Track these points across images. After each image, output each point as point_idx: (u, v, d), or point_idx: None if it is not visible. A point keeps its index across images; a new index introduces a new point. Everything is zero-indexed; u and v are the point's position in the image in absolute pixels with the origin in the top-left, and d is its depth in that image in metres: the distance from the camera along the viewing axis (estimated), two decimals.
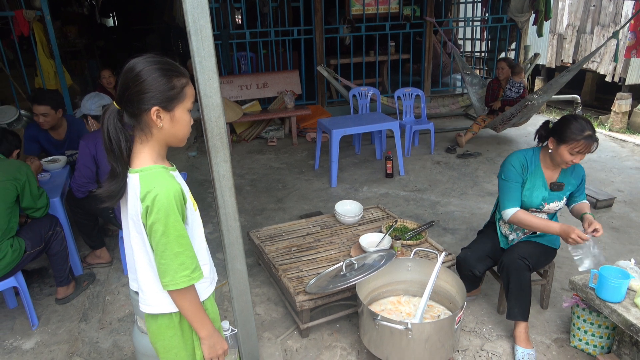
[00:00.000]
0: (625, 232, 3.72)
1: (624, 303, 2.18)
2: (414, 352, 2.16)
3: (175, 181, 1.34)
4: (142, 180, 1.30)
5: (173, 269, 1.32)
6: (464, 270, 2.66)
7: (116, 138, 1.30)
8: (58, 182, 3.37)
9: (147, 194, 1.28)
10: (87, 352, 2.61)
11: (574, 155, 2.33)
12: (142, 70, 1.28)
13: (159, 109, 1.30)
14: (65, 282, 2.99)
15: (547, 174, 2.52)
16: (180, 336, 1.48)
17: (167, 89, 1.30)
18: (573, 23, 9.63)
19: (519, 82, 5.63)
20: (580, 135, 2.27)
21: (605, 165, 5.16)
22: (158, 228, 1.29)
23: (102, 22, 13.48)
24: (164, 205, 1.28)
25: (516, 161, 2.53)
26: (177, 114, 1.34)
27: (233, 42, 6.55)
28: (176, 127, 1.36)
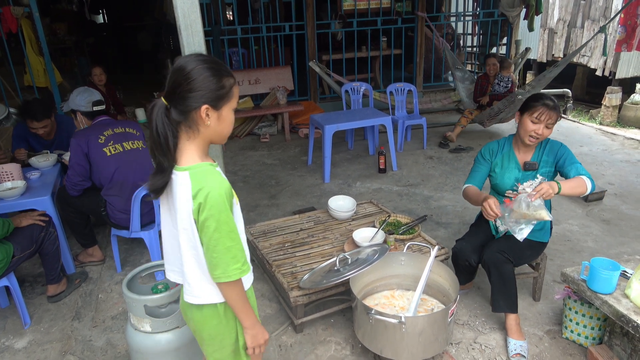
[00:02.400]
0: (616, 225, 3.75)
1: (614, 294, 2.20)
2: (407, 345, 2.17)
3: (223, 178, 1.38)
4: (193, 178, 1.34)
5: (225, 262, 1.37)
6: (460, 260, 2.66)
7: (164, 133, 1.32)
8: (48, 180, 3.34)
9: (199, 191, 1.31)
10: (81, 351, 2.60)
11: (535, 123, 2.42)
12: (194, 69, 1.31)
13: (208, 108, 1.33)
14: (56, 279, 2.97)
15: (520, 156, 2.60)
16: (225, 324, 1.52)
17: (217, 88, 1.33)
18: (564, 17, 9.68)
19: (507, 76, 5.65)
20: (539, 102, 2.41)
21: (596, 158, 5.21)
22: (211, 224, 1.33)
23: (91, 19, 13.35)
24: (216, 202, 1.31)
25: (486, 149, 2.69)
26: (224, 112, 1.38)
27: (224, 39, 6.51)
28: (222, 125, 1.39)
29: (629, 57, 8.23)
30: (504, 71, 5.68)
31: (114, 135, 3.05)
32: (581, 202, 4.14)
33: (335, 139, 5.82)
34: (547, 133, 2.45)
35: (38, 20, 5.44)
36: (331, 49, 6.99)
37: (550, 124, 2.42)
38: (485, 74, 5.85)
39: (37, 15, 5.43)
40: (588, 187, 2.36)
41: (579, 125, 6.56)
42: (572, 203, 4.14)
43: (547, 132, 2.45)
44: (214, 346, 1.55)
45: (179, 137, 1.37)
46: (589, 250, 3.39)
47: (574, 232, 3.66)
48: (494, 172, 2.66)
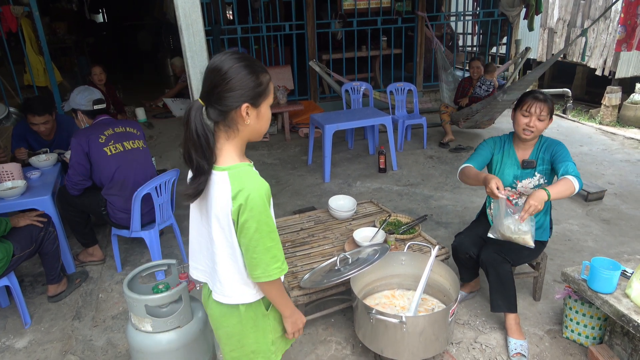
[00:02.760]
0: (616, 224, 3.75)
1: (615, 294, 2.20)
2: (408, 345, 2.18)
3: (262, 179, 1.37)
4: (232, 179, 1.32)
5: (265, 262, 1.37)
6: (460, 254, 2.66)
7: (203, 134, 1.30)
8: (49, 180, 3.34)
9: (239, 192, 1.30)
10: (81, 350, 2.60)
11: (526, 116, 2.47)
12: (231, 68, 1.29)
13: (248, 106, 1.32)
14: (57, 279, 2.96)
15: (520, 153, 2.61)
16: (245, 325, 1.52)
17: (256, 85, 1.31)
18: (563, 17, 9.68)
19: (490, 80, 5.65)
20: (528, 96, 2.49)
21: (596, 158, 5.21)
22: (251, 225, 1.32)
23: (91, 19, 13.35)
24: (256, 204, 1.31)
25: (490, 139, 2.72)
26: (262, 109, 1.37)
27: (224, 38, 6.51)
28: (260, 123, 1.39)
29: (629, 56, 8.24)
30: (488, 75, 5.68)
31: (115, 135, 3.05)
32: (581, 202, 4.14)
33: (335, 138, 5.82)
34: (540, 126, 2.46)
35: (38, 20, 5.44)
36: (331, 49, 6.99)
37: (542, 116, 2.44)
38: (470, 77, 5.87)
39: (37, 15, 5.42)
40: (575, 186, 2.31)
41: (579, 125, 6.56)
42: (572, 203, 4.14)
43: (540, 124, 2.46)
44: (231, 345, 1.56)
45: (216, 137, 1.36)
46: (589, 250, 3.39)
47: (574, 231, 3.66)
48: (493, 166, 2.67)
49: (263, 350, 1.57)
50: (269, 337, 1.56)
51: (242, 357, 1.56)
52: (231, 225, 1.36)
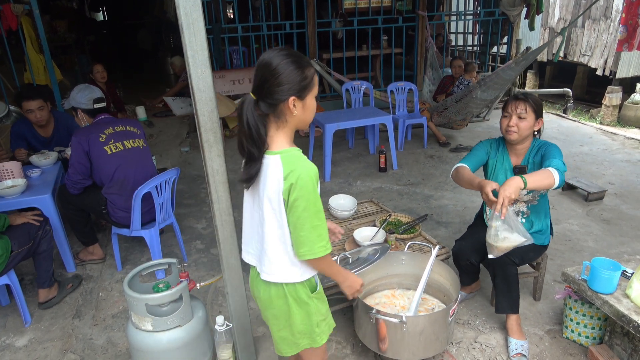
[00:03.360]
0: (616, 224, 3.75)
1: (615, 294, 2.20)
2: (408, 344, 2.18)
3: (311, 162, 1.46)
4: (284, 161, 1.44)
5: (311, 240, 1.46)
6: (461, 260, 2.65)
7: (255, 125, 1.42)
8: (49, 179, 3.34)
9: (291, 172, 1.41)
10: (81, 349, 2.60)
11: (506, 117, 2.45)
12: (279, 64, 1.39)
13: (295, 99, 1.43)
14: (48, 284, 2.89)
15: (513, 159, 2.58)
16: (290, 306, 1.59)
17: (302, 79, 1.42)
18: (564, 17, 9.67)
19: (469, 80, 5.65)
20: (509, 98, 2.47)
21: (597, 158, 5.20)
22: (300, 204, 1.42)
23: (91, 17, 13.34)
24: (306, 184, 1.41)
25: (487, 141, 2.68)
26: (308, 101, 1.48)
27: (225, 37, 6.51)
28: (306, 113, 1.49)
29: (629, 56, 8.23)
30: (467, 74, 5.68)
31: (115, 134, 3.05)
32: (581, 202, 4.14)
33: (335, 137, 5.82)
34: (523, 125, 2.39)
35: (38, 18, 5.42)
36: (332, 48, 6.98)
37: (522, 114, 2.39)
38: (452, 75, 5.87)
39: (37, 13, 5.41)
40: (555, 179, 2.21)
41: (579, 125, 6.55)
42: (572, 203, 4.14)
43: (522, 123, 2.39)
44: (278, 325, 1.65)
45: (268, 128, 1.47)
46: (590, 250, 3.39)
47: (574, 231, 3.66)
48: (487, 170, 2.65)
49: (308, 332, 1.64)
50: (313, 319, 1.63)
51: (290, 337, 1.65)
52: (282, 205, 1.46)
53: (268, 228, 1.52)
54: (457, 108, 5.42)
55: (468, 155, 2.65)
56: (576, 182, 4.31)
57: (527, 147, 2.53)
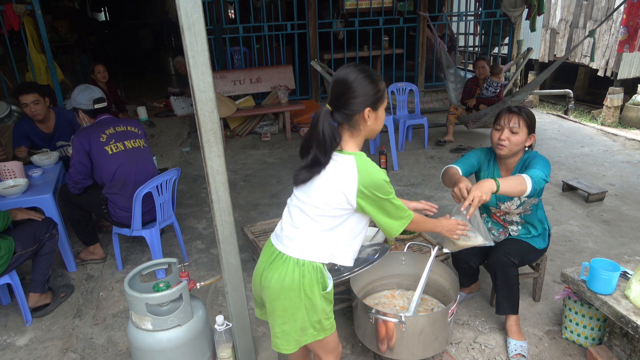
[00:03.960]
0: (616, 225, 3.75)
1: (614, 295, 2.20)
2: (407, 344, 2.18)
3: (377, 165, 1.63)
4: (358, 162, 1.58)
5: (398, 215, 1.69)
6: (461, 264, 2.66)
7: (330, 134, 1.57)
8: (50, 178, 3.35)
9: (366, 172, 1.57)
10: (82, 348, 2.61)
11: (499, 130, 2.39)
12: (355, 79, 1.55)
13: (369, 110, 1.58)
14: (40, 289, 2.85)
15: (503, 173, 2.53)
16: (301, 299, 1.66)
17: (375, 92, 1.57)
18: (566, 18, 9.67)
19: (497, 82, 5.64)
20: (502, 110, 2.42)
21: (597, 159, 5.20)
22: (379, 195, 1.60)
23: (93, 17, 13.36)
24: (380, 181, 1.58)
25: (481, 149, 2.64)
26: (380, 112, 1.63)
27: (226, 37, 6.52)
28: (377, 123, 1.64)
29: (631, 57, 8.23)
30: (494, 77, 5.68)
31: (116, 134, 3.06)
32: (582, 203, 4.14)
33: None
34: (514, 139, 2.34)
35: (40, 18, 5.44)
36: (333, 48, 6.99)
37: (514, 128, 2.32)
38: (475, 77, 5.86)
39: (39, 13, 5.42)
40: (528, 186, 2.19)
41: (580, 126, 6.55)
42: (572, 204, 4.14)
43: (514, 138, 2.34)
44: (284, 318, 1.69)
45: (342, 136, 1.62)
46: (589, 251, 3.40)
47: (574, 232, 3.66)
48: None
49: (308, 328, 1.70)
50: (315, 317, 1.69)
51: (292, 332, 1.69)
52: (353, 198, 1.58)
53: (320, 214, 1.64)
54: (491, 114, 5.46)
55: (461, 159, 2.63)
56: (576, 183, 4.32)
57: (516, 160, 2.48)
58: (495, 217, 2.64)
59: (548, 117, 7.00)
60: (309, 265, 1.66)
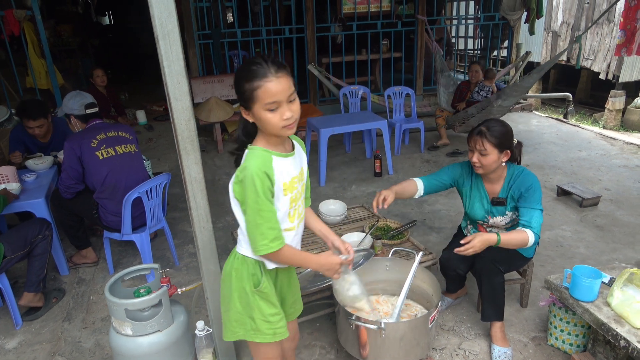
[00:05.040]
0: (609, 231, 3.73)
1: (596, 302, 2.20)
2: (388, 350, 2.18)
3: (265, 162, 1.51)
4: (248, 154, 1.56)
5: (253, 237, 1.55)
6: (448, 270, 2.65)
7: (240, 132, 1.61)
8: (44, 183, 3.39)
9: (243, 168, 1.51)
10: (69, 352, 2.63)
11: (471, 151, 2.40)
12: (235, 74, 1.52)
13: (242, 108, 1.54)
14: (35, 289, 2.87)
15: (489, 187, 2.52)
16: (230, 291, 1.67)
17: (242, 92, 1.49)
18: (567, 20, 9.63)
19: (489, 86, 5.62)
20: (473, 130, 2.41)
21: (594, 163, 5.18)
22: (245, 199, 1.52)
23: (97, 21, 13.47)
24: (248, 181, 1.48)
25: (457, 168, 2.62)
26: (257, 113, 1.50)
27: (224, 41, 6.56)
28: (262, 124, 1.52)
29: (633, 61, 8.19)
30: (487, 81, 5.66)
31: (107, 139, 3.09)
32: (576, 208, 4.13)
33: (333, 142, 5.85)
34: (485, 161, 2.35)
35: (40, 23, 5.51)
36: (331, 52, 7.00)
37: (483, 150, 2.32)
38: (468, 81, 5.85)
39: (39, 19, 5.49)
40: (530, 241, 2.29)
41: (579, 130, 6.52)
42: (566, 208, 4.13)
43: (484, 159, 2.35)
44: (224, 306, 1.74)
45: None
46: (581, 257, 3.38)
47: (567, 237, 3.65)
48: (464, 198, 2.61)
49: (242, 320, 1.68)
50: (249, 312, 1.67)
51: (227, 321, 1.72)
52: (231, 184, 1.57)
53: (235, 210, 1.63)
54: (479, 117, 5.45)
55: (432, 174, 2.63)
56: (571, 188, 4.30)
57: (502, 176, 2.47)
58: (481, 229, 2.64)
59: (547, 121, 6.97)
60: (240, 258, 1.66)
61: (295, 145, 1.68)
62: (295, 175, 1.62)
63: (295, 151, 1.65)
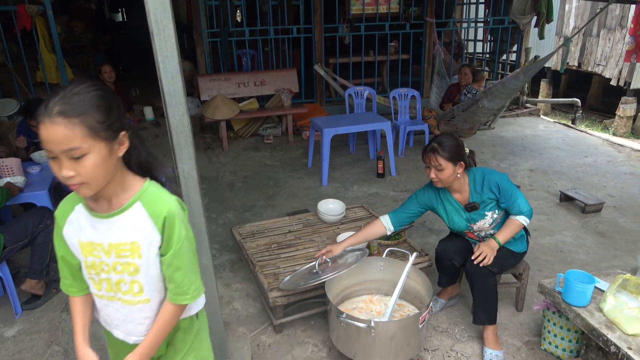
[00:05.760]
0: (610, 238, 3.70)
1: (589, 307, 2.19)
2: (379, 350, 2.19)
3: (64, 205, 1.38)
4: None
5: None
6: (443, 261, 2.65)
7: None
8: (48, 175, 3.44)
9: None
10: (66, 342, 2.67)
11: (428, 167, 2.45)
12: None
13: None
14: (37, 276, 2.93)
15: (457, 197, 2.54)
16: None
17: None
18: (579, 25, 9.55)
19: (477, 89, 5.61)
20: (426, 147, 2.46)
21: (600, 169, 5.13)
22: None
23: (110, 17, 13.62)
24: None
25: (421, 194, 2.63)
26: None
27: (232, 40, 6.60)
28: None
29: None
30: (475, 84, 5.64)
31: None
32: (578, 213, 4.10)
33: (337, 142, 5.86)
34: (442, 176, 2.39)
35: (51, 19, 5.60)
36: (338, 53, 7.02)
37: (439, 166, 2.36)
38: (458, 83, 5.84)
39: (50, 14, 5.59)
40: (524, 222, 2.47)
41: (586, 136, 6.46)
42: (568, 214, 4.10)
43: (441, 174, 2.38)
44: None
45: None
46: (580, 262, 3.36)
47: (567, 243, 3.62)
48: (442, 217, 2.63)
49: None
50: None
51: None
52: None
53: None
54: (464, 117, 5.42)
55: (399, 207, 2.67)
56: (574, 194, 4.26)
57: (465, 183, 2.50)
58: (469, 235, 2.64)
59: (554, 126, 6.92)
60: None
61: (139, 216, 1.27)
62: (97, 243, 1.30)
63: (126, 221, 1.27)
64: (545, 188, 4.66)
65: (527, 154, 5.65)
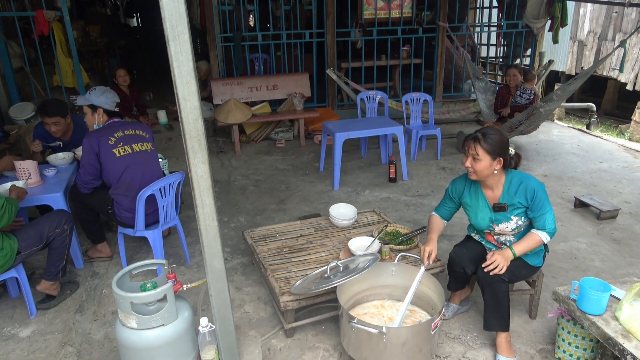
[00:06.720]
0: (626, 245, 3.65)
1: (604, 316, 2.15)
2: (390, 356, 2.18)
3: None
4: None
5: None
6: (456, 267, 2.62)
7: None
8: (63, 177, 3.49)
9: None
10: (79, 343, 2.70)
11: (465, 156, 2.44)
12: None
13: None
14: (53, 277, 2.96)
15: (488, 194, 2.51)
16: None
17: None
18: (594, 30, 9.45)
19: (530, 88, 5.54)
20: (467, 137, 2.46)
21: (615, 175, 5.06)
22: None
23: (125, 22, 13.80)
24: None
25: (452, 187, 2.67)
26: None
27: (245, 44, 6.65)
28: None
29: None
30: (527, 83, 5.57)
31: (124, 137, 3.17)
32: (593, 220, 4.04)
33: (349, 146, 5.86)
34: (478, 166, 2.37)
35: (68, 24, 5.69)
36: (350, 57, 7.02)
37: (477, 155, 2.35)
38: (506, 85, 5.77)
39: (67, 19, 5.67)
40: (544, 239, 2.44)
41: (601, 141, 6.37)
42: (583, 220, 4.04)
43: (477, 165, 2.37)
44: None
45: None
46: (595, 270, 3.31)
47: (582, 250, 3.58)
48: (467, 210, 2.62)
49: None
50: None
51: None
52: None
53: None
54: (527, 123, 5.39)
55: (441, 202, 2.73)
56: (589, 200, 4.21)
57: (500, 182, 2.47)
58: (488, 237, 2.62)
59: (569, 131, 6.84)
60: None
61: None
62: None
63: None
64: (559, 194, 4.61)
65: (540, 159, 5.59)
